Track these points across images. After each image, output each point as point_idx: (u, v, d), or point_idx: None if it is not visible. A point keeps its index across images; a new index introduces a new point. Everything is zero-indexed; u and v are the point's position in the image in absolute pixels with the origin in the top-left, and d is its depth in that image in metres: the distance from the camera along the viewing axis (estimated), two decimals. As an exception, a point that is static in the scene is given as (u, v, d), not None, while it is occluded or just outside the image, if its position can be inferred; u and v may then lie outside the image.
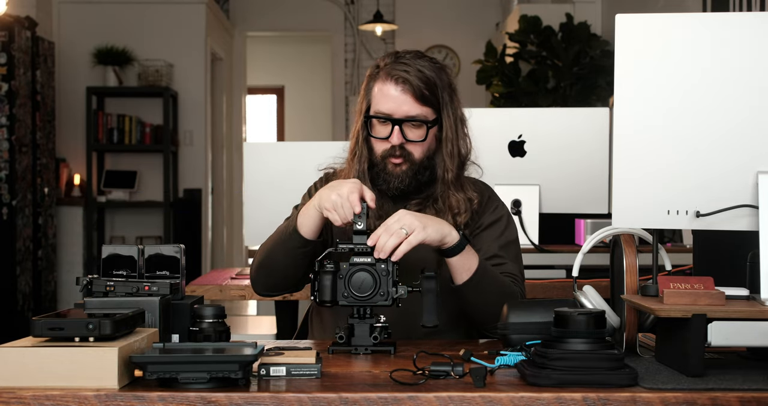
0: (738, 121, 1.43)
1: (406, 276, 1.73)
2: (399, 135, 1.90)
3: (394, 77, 1.89)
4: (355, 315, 1.66)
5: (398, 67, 1.90)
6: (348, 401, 1.27)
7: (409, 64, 1.90)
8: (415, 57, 1.93)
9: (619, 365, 1.34)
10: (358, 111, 1.98)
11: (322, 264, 1.66)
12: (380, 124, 1.93)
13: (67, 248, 6.83)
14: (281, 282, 1.94)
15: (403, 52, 1.95)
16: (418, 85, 1.88)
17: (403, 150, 1.91)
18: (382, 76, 1.92)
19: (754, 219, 1.43)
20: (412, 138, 1.91)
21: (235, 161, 8.75)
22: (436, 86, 1.91)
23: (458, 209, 1.94)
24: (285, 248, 1.88)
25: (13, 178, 5.69)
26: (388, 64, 1.92)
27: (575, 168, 3.32)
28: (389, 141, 1.91)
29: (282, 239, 1.89)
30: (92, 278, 1.52)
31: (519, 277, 1.95)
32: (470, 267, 1.80)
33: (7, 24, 5.67)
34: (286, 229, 1.89)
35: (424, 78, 1.89)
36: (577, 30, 6.35)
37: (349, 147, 2.00)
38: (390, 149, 1.91)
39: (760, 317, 1.36)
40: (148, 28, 7.41)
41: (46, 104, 6.23)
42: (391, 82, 1.90)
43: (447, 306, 1.92)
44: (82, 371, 1.29)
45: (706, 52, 1.44)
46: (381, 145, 1.93)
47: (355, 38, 8.96)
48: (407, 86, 1.89)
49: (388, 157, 1.92)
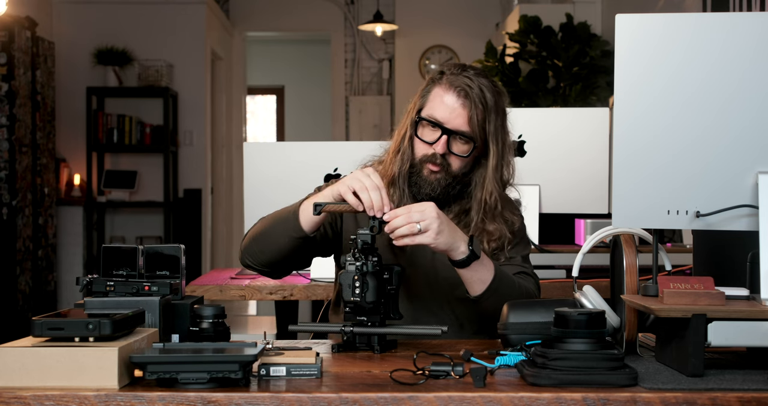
0: (738, 121, 1.43)
1: (438, 291, 1.81)
2: (444, 145, 1.90)
3: (456, 88, 1.89)
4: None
5: (463, 79, 1.90)
6: (348, 401, 1.27)
7: (473, 80, 1.90)
8: (479, 75, 1.93)
9: (619, 365, 1.34)
10: (409, 110, 1.97)
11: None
12: (429, 128, 1.92)
13: (67, 248, 6.83)
14: (267, 260, 1.93)
15: (468, 67, 1.95)
16: (476, 104, 1.88)
17: (443, 159, 1.91)
18: (445, 83, 1.91)
19: (754, 219, 1.43)
20: (455, 151, 1.91)
21: (235, 161, 8.75)
22: (492, 110, 1.91)
23: (494, 236, 1.94)
24: (281, 228, 1.88)
25: (13, 178, 5.69)
26: (454, 73, 1.92)
27: (575, 168, 3.33)
28: (433, 147, 1.91)
29: (281, 218, 1.89)
30: (92, 278, 1.52)
31: (530, 269, 1.97)
32: (484, 279, 1.80)
33: (7, 24, 5.67)
34: (289, 210, 1.89)
35: (484, 100, 1.89)
36: (577, 30, 6.35)
37: (393, 142, 1.99)
38: (431, 156, 1.92)
39: (760, 317, 1.36)
40: (148, 28, 7.41)
41: (46, 104, 6.23)
42: (452, 92, 1.90)
43: (457, 313, 1.93)
44: (82, 371, 1.29)
45: (706, 52, 1.44)
46: (423, 149, 1.93)
47: (355, 38, 8.96)
48: (467, 101, 1.89)
49: (428, 162, 1.92)
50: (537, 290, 1.94)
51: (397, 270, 1.72)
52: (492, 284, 1.80)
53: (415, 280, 1.93)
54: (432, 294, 1.93)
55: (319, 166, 3.01)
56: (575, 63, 6.24)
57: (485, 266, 1.80)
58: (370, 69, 9.04)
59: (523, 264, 1.97)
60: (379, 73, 9.00)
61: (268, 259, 1.92)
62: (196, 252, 7.52)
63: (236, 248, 8.81)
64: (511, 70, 6.39)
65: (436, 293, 1.93)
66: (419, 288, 1.93)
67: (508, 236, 1.95)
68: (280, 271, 1.97)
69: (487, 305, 1.81)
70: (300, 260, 1.95)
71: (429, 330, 1.67)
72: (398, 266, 1.73)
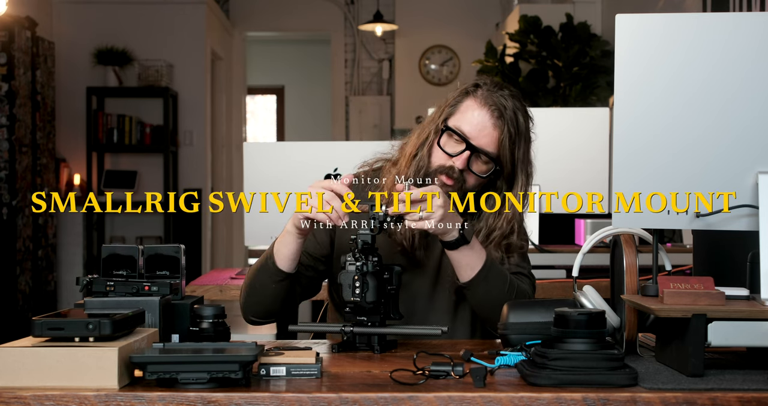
0: (738, 121, 1.43)
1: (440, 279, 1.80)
2: (465, 161, 1.84)
3: (491, 106, 1.83)
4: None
5: (500, 99, 1.83)
6: (348, 401, 1.27)
7: (508, 101, 1.84)
8: (515, 97, 1.86)
9: (619, 365, 1.34)
10: (435, 116, 1.90)
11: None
12: (453, 140, 1.85)
13: (67, 248, 6.83)
14: (268, 310, 1.89)
15: (505, 86, 1.88)
16: (509, 127, 1.83)
17: (459, 175, 1.85)
18: (480, 98, 1.84)
19: (754, 219, 1.43)
20: (474, 170, 1.85)
21: (235, 161, 8.75)
22: (523, 137, 1.86)
23: (496, 256, 1.90)
24: (264, 277, 1.84)
25: (13, 178, 5.69)
26: (491, 90, 1.85)
27: (575, 168, 3.33)
28: (453, 160, 1.84)
29: (261, 267, 1.85)
30: (92, 278, 1.52)
31: (527, 270, 1.94)
32: (473, 265, 1.79)
33: (7, 24, 5.67)
34: (266, 256, 1.85)
35: (516, 124, 1.84)
36: (577, 30, 6.35)
37: (411, 146, 1.91)
38: (448, 168, 1.85)
39: (760, 317, 1.36)
40: (148, 28, 7.41)
41: (46, 104, 6.23)
42: (486, 109, 1.83)
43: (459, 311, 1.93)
44: (82, 371, 1.29)
45: (706, 52, 1.44)
46: (442, 159, 1.86)
47: (355, 38, 8.97)
48: (500, 122, 1.83)
49: (443, 173, 1.85)
50: (531, 290, 1.91)
51: (397, 270, 1.72)
52: (481, 272, 1.78)
53: (420, 282, 1.92)
54: (435, 297, 1.93)
55: (319, 166, 2.99)
56: (575, 63, 6.24)
57: (476, 252, 1.79)
58: (370, 69, 9.04)
59: (520, 264, 1.93)
60: (379, 73, 9.00)
61: (269, 309, 1.89)
62: (196, 252, 7.51)
63: (236, 247, 8.82)
64: (511, 70, 6.39)
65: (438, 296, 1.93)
66: (423, 289, 1.92)
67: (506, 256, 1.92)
68: (285, 313, 1.92)
69: (475, 293, 1.80)
70: (303, 294, 1.93)
71: (429, 330, 1.67)
72: (398, 266, 1.73)
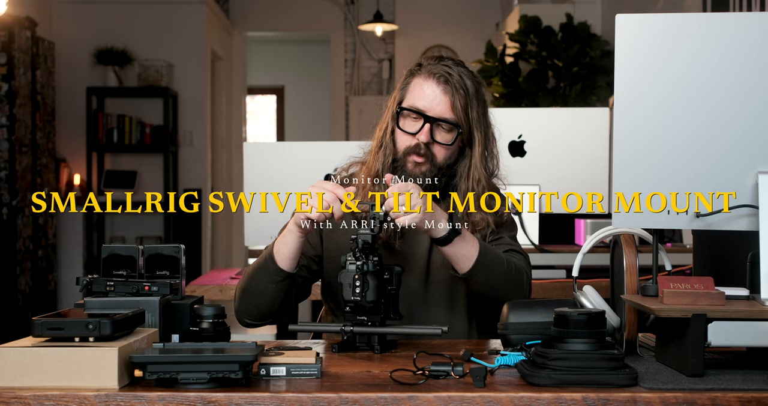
0: (738, 121, 1.43)
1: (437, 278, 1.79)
2: (428, 133, 1.87)
3: (436, 76, 1.88)
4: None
5: (442, 68, 1.88)
6: (348, 401, 1.27)
7: (452, 68, 1.89)
8: (458, 64, 1.91)
9: (619, 365, 1.34)
10: (389, 104, 1.95)
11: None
12: (411, 119, 1.90)
13: (67, 248, 6.83)
14: (264, 312, 1.89)
15: (446, 57, 1.93)
16: (457, 90, 1.87)
17: (427, 150, 1.88)
18: (425, 73, 1.89)
19: (754, 219, 1.43)
20: (439, 140, 1.88)
21: (235, 161, 8.75)
22: (474, 98, 1.89)
23: (480, 226, 1.92)
24: (263, 277, 1.85)
25: (13, 178, 5.69)
26: (432, 63, 1.90)
27: (575, 168, 3.33)
28: (416, 137, 1.88)
29: (260, 267, 1.86)
30: (92, 278, 1.52)
31: (518, 247, 1.95)
32: (469, 255, 1.79)
33: (7, 24, 5.67)
34: (265, 256, 1.85)
35: (464, 86, 1.88)
36: (577, 30, 6.35)
37: (375, 139, 1.96)
38: (414, 147, 1.88)
39: (760, 317, 1.36)
40: (148, 28, 7.41)
41: (46, 104, 6.23)
42: (432, 80, 1.88)
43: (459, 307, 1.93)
44: (82, 371, 1.29)
45: (706, 52, 1.44)
46: (406, 140, 1.90)
47: (355, 38, 8.97)
48: (448, 87, 1.87)
49: (411, 153, 1.89)
50: (527, 266, 1.91)
51: (397, 270, 1.72)
52: (479, 258, 1.78)
53: (411, 280, 1.92)
54: (427, 294, 1.93)
55: (319, 166, 2.99)
56: (575, 63, 6.24)
57: (469, 242, 1.79)
58: (370, 69, 9.04)
59: (511, 243, 1.94)
60: (379, 73, 9.00)
61: (265, 310, 1.88)
62: (196, 252, 7.52)
63: (236, 247, 8.82)
64: (511, 70, 6.39)
65: (431, 294, 1.93)
66: (416, 288, 1.93)
67: (492, 227, 1.93)
68: (281, 315, 1.91)
69: (476, 281, 1.80)
70: (298, 296, 1.94)
71: (429, 330, 1.67)
72: (398, 266, 1.73)
